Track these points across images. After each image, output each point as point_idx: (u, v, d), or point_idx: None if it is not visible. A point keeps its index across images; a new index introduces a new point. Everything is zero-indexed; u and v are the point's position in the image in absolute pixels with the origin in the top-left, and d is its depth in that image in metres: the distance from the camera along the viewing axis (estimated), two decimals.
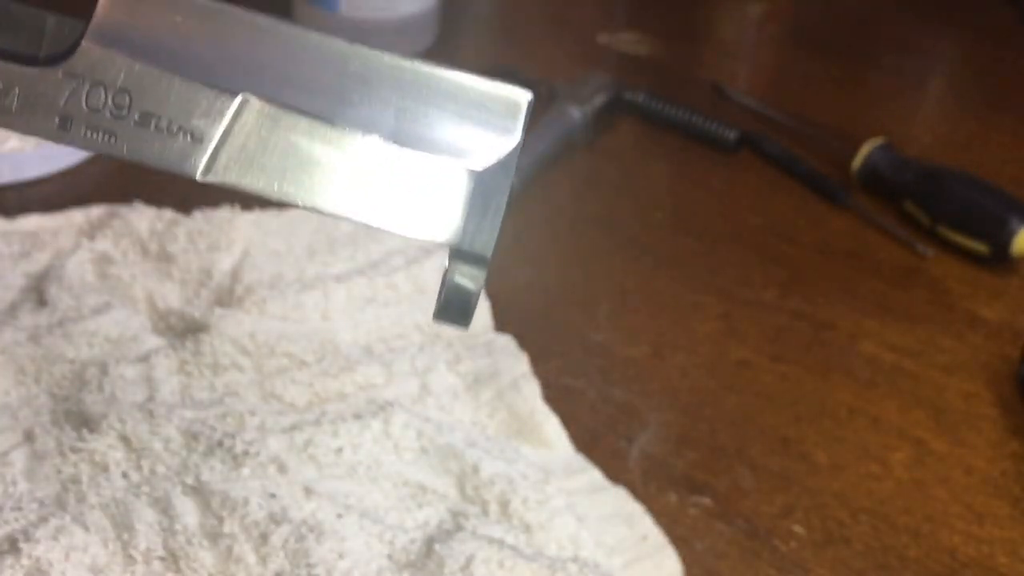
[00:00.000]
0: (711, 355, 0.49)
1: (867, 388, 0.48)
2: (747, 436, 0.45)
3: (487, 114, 0.22)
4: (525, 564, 0.36)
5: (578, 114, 0.63)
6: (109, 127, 0.21)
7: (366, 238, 0.51)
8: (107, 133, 0.21)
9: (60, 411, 0.41)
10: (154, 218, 0.50)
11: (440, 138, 0.21)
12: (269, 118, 0.20)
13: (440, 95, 0.21)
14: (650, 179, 0.62)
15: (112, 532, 0.36)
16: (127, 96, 0.21)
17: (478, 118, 0.22)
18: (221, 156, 0.21)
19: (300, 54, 0.21)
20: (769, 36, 0.85)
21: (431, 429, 0.41)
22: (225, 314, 0.44)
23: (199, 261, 0.48)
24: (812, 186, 0.62)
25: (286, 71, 0.20)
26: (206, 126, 0.21)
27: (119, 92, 0.21)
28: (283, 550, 0.36)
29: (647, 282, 0.53)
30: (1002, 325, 0.53)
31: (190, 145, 0.21)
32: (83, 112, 0.21)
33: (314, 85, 0.20)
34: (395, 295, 0.48)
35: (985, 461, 0.45)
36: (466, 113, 0.21)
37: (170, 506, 0.37)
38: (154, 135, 0.21)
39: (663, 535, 0.39)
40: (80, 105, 0.21)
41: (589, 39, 0.79)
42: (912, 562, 0.40)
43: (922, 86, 0.78)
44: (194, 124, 0.21)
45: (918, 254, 0.57)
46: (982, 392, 0.49)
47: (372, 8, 0.68)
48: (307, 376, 0.43)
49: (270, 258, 0.49)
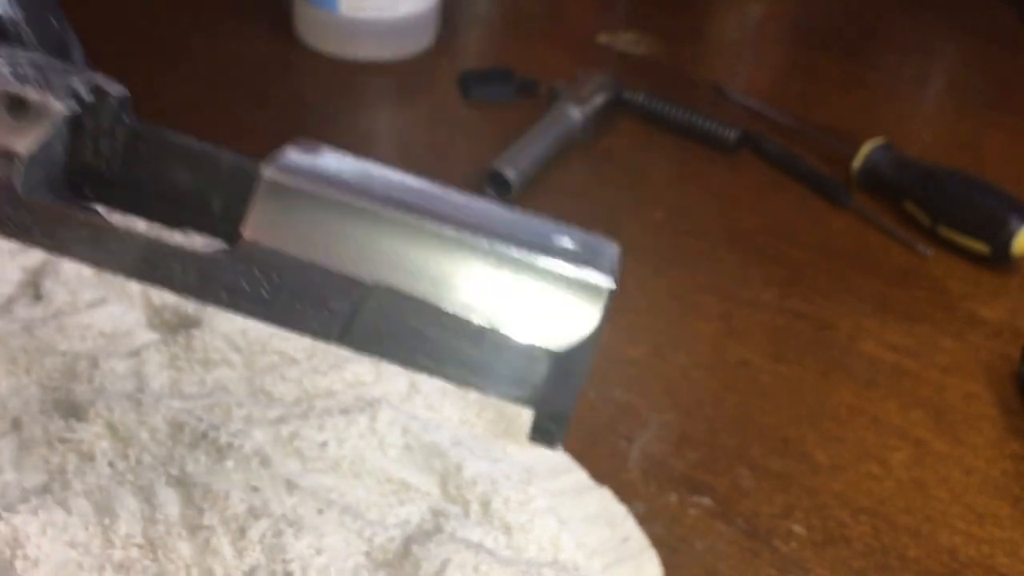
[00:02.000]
0: (711, 355, 0.49)
1: (867, 388, 0.48)
2: (747, 436, 0.45)
3: (573, 297, 0.25)
4: (501, 569, 0.36)
5: (578, 114, 0.63)
6: (266, 300, 0.25)
7: None
8: (264, 304, 0.26)
9: (49, 401, 0.41)
10: None
11: (531, 316, 0.25)
12: (389, 300, 0.25)
13: (532, 280, 0.25)
14: (650, 179, 0.62)
15: (94, 517, 0.36)
16: (280, 279, 0.25)
17: (565, 300, 0.25)
18: (352, 329, 0.25)
19: (416, 247, 0.25)
20: (769, 36, 0.85)
21: (417, 427, 0.41)
22: (217, 310, 0.44)
23: None
24: (812, 186, 0.62)
25: (404, 261, 0.25)
26: (341, 305, 0.25)
27: (274, 275, 0.25)
28: (260, 544, 0.36)
29: (647, 282, 0.53)
30: (1002, 325, 0.53)
31: (328, 319, 0.25)
32: (245, 289, 0.26)
33: (426, 272, 0.25)
34: None
35: (985, 461, 0.45)
36: (555, 296, 0.25)
37: (153, 495, 0.37)
38: (300, 310, 0.25)
39: (645, 537, 0.39)
40: (243, 283, 0.25)
41: (589, 39, 0.79)
42: (912, 562, 0.40)
43: (922, 86, 0.78)
44: (332, 303, 0.25)
45: (918, 254, 0.57)
46: (982, 392, 0.49)
47: (372, 8, 0.68)
48: (297, 373, 0.43)
49: None
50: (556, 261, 0.25)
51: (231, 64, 0.69)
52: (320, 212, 0.25)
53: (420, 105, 0.67)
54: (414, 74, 0.70)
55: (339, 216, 0.25)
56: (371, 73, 0.70)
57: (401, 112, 0.67)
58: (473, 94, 0.68)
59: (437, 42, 0.74)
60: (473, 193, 0.28)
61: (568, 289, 0.25)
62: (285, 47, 0.72)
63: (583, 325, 0.25)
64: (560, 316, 0.25)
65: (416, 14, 0.70)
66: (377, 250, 0.25)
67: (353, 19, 0.69)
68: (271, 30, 0.73)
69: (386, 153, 0.62)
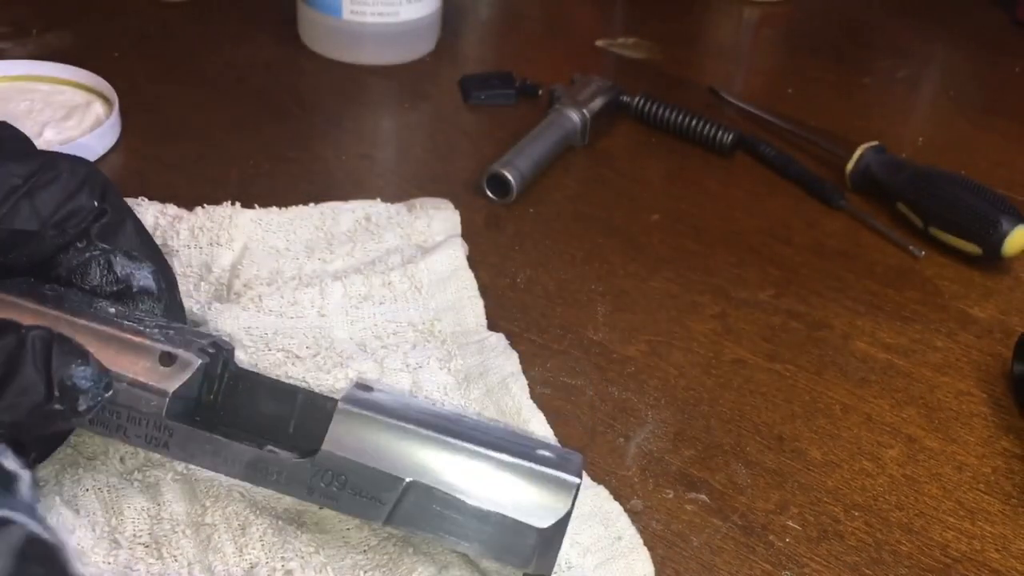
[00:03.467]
0: (707, 354, 0.49)
1: (860, 386, 0.49)
2: (743, 433, 0.45)
3: (551, 490, 0.34)
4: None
5: (577, 117, 0.64)
6: (334, 494, 0.34)
7: (364, 235, 0.52)
8: (332, 498, 0.34)
9: None
10: (158, 213, 0.50)
11: (523, 503, 0.34)
12: (423, 493, 0.34)
13: (524, 478, 0.34)
14: (647, 181, 0.63)
15: (102, 517, 0.37)
16: (345, 478, 0.34)
17: (546, 492, 0.34)
18: (395, 514, 0.34)
19: (442, 455, 0.34)
20: (764, 40, 0.85)
21: None
22: (223, 308, 0.45)
23: (200, 256, 0.49)
24: (807, 188, 0.63)
25: (433, 465, 0.34)
26: (388, 497, 0.34)
27: (340, 475, 0.34)
28: (260, 542, 0.36)
29: (645, 282, 0.54)
30: (993, 324, 0.53)
31: (379, 507, 0.34)
32: (320, 486, 0.34)
33: (449, 473, 0.34)
34: (391, 293, 0.48)
35: (976, 458, 0.45)
36: (539, 490, 0.34)
37: (159, 493, 0.38)
38: (358, 500, 0.34)
39: (638, 536, 0.39)
40: (319, 482, 0.34)
41: (588, 44, 0.79)
42: (905, 557, 0.41)
43: (915, 89, 0.78)
44: (381, 495, 0.34)
45: (911, 255, 0.58)
46: (973, 390, 0.49)
47: (374, 14, 0.69)
48: (301, 370, 0.43)
49: (269, 254, 0.49)
50: (539, 466, 0.34)
51: (238, 68, 0.70)
52: (376, 431, 0.34)
53: (422, 108, 0.68)
54: (416, 78, 0.71)
55: (388, 434, 0.34)
56: (374, 77, 0.70)
57: (403, 115, 0.67)
58: (473, 97, 0.68)
59: (438, 47, 0.74)
60: (480, 416, 0.43)
61: (548, 484, 0.34)
62: (290, 52, 0.72)
63: (559, 509, 0.34)
64: (543, 503, 0.34)
65: (418, 19, 0.71)
66: (414, 457, 0.34)
67: (356, 24, 0.69)
68: (276, 35, 0.74)
69: (389, 155, 0.63)
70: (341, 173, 0.60)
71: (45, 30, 0.71)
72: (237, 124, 0.63)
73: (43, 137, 0.58)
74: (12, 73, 0.64)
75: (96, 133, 0.58)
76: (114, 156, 0.59)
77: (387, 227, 0.52)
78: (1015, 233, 0.55)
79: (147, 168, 0.58)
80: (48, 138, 0.58)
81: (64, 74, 0.63)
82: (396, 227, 0.52)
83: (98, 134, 0.58)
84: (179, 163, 0.59)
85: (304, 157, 0.61)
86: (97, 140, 0.58)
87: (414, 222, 0.53)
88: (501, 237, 0.56)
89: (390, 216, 0.53)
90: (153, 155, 0.59)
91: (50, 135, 0.58)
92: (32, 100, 0.62)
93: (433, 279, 0.49)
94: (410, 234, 0.52)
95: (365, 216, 0.53)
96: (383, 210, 0.54)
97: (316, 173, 0.59)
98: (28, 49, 0.68)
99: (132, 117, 0.62)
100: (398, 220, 0.53)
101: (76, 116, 0.60)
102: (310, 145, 0.62)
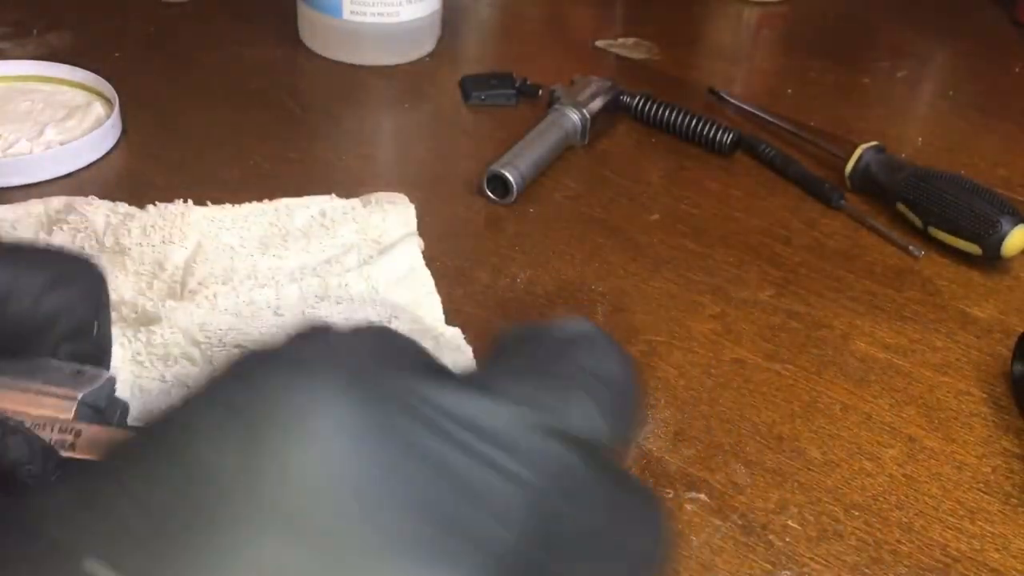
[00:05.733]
0: (707, 354, 0.49)
1: (860, 386, 0.49)
2: (742, 433, 0.45)
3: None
4: None
5: (576, 117, 0.64)
6: None
7: (319, 231, 0.52)
8: None
9: None
10: (110, 211, 0.50)
11: None
12: None
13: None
14: (647, 181, 0.63)
15: None
16: None
17: None
18: None
19: None
20: (764, 40, 0.85)
21: None
22: (177, 306, 0.45)
23: (152, 254, 0.48)
24: (806, 188, 0.63)
25: None
26: None
27: None
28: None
29: (644, 282, 0.54)
30: (993, 324, 0.53)
31: None
32: None
33: None
34: (347, 293, 0.48)
35: (976, 458, 0.45)
36: None
37: None
38: None
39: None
40: None
41: (587, 44, 0.79)
42: (904, 556, 0.41)
43: (914, 89, 0.78)
44: None
45: (910, 255, 0.58)
46: (973, 390, 0.49)
47: (374, 14, 0.69)
48: None
49: (223, 252, 0.49)
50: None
51: (238, 68, 0.70)
52: None
53: (422, 109, 0.68)
54: (416, 78, 0.71)
55: None
56: (374, 77, 0.70)
57: (403, 116, 0.67)
58: (473, 98, 0.68)
59: (438, 47, 0.74)
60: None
61: None
62: (290, 52, 0.72)
63: None
64: None
65: (417, 20, 0.71)
66: None
67: (356, 24, 0.69)
68: (276, 35, 0.74)
69: (389, 155, 0.63)
70: (341, 173, 0.60)
71: (46, 30, 0.71)
72: (237, 124, 0.63)
73: (44, 137, 0.58)
74: (12, 73, 0.64)
75: (96, 133, 0.58)
76: (114, 156, 0.59)
77: (342, 222, 0.52)
78: (1015, 233, 0.55)
79: (147, 168, 0.58)
80: (49, 138, 0.58)
81: (64, 74, 0.64)
82: (351, 222, 0.52)
83: (98, 134, 0.58)
84: (179, 163, 0.59)
85: (304, 157, 0.61)
86: (97, 140, 0.59)
87: (369, 217, 0.53)
88: (501, 237, 0.56)
89: (345, 211, 0.53)
90: (153, 155, 0.60)
91: (51, 135, 0.58)
92: (33, 100, 0.62)
93: (390, 279, 0.49)
94: (365, 228, 0.52)
95: (320, 211, 0.53)
96: (338, 205, 0.54)
97: (316, 173, 0.59)
98: (28, 49, 0.68)
99: (132, 117, 0.62)
100: (353, 215, 0.53)
101: (76, 116, 0.60)
102: (310, 145, 0.62)
